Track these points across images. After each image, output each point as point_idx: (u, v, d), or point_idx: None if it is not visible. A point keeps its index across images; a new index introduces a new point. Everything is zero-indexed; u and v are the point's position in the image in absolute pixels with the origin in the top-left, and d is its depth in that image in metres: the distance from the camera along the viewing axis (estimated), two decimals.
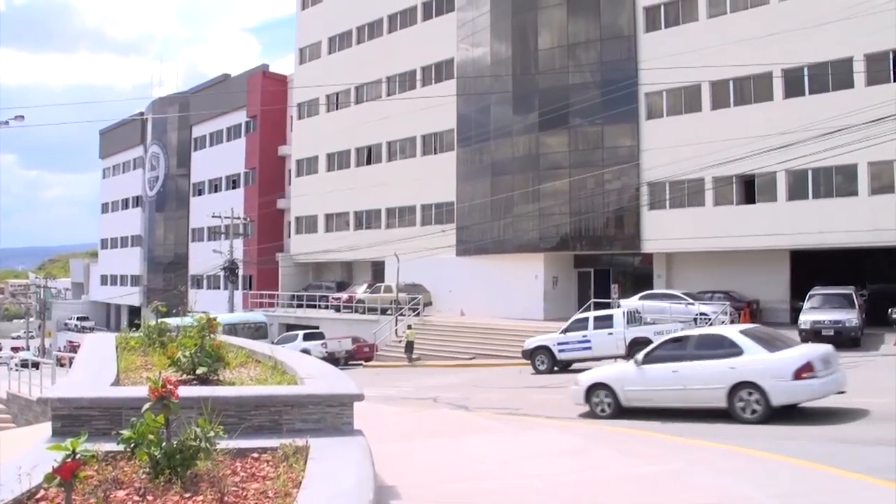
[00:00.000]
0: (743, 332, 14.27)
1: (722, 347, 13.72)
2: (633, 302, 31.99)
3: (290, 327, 45.29)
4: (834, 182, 30.74)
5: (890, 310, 26.90)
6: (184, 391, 5.36)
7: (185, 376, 7.51)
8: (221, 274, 52.77)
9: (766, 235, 31.77)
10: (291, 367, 8.22)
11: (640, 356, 14.82)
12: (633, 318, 26.05)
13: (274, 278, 54.78)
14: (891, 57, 29.10)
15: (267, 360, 9.26)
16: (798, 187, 31.50)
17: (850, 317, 23.98)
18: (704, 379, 13.44)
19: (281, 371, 8.41)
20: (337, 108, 52.79)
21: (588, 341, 25.33)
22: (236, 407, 6.11)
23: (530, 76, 39.67)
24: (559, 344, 25.80)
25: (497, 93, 40.85)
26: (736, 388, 13.01)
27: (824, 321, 24.02)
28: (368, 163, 50.42)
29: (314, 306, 47.84)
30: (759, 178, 31.89)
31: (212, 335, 8.23)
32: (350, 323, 42.38)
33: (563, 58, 38.44)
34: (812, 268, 32.67)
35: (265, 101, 57.25)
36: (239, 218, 53.20)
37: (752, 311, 31.53)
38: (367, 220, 49.89)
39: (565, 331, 26.32)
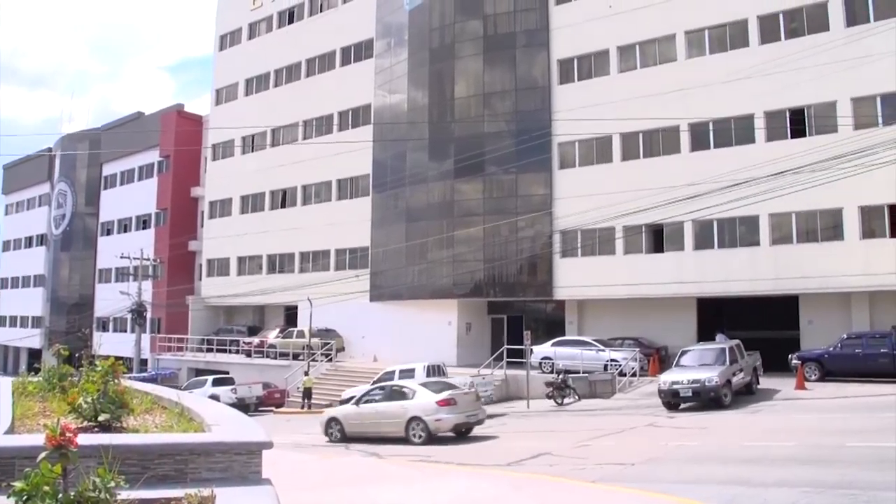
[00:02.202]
0: None
1: None
2: (545, 348, 32.41)
3: (199, 372, 44.26)
4: (738, 232, 31.87)
5: (790, 356, 27.84)
6: (84, 439, 5.16)
7: (86, 423, 7.24)
8: (129, 316, 51.34)
9: (674, 283, 32.64)
10: (199, 413, 8.02)
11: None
12: (433, 371, 27.84)
13: (184, 322, 53.48)
14: (787, 115, 30.61)
15: (174, 407, 9.02)
16: (704, 237, 32.54)
17: (711, 375, 22.68)
18: None
19: (188, 418, 8.20)
20: (252, 151, 52.37)
21: None
22: (139, 455, 5.91)
23: (446, 124, 40.16)
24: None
25: (413, 139, 41.17)
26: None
27: (682, 381, 22.98)
28: (283, 206, 50.03)
29: (225, 351, 46.86)
30: (668, 227, 32.84)
31: (116, 380, 7.98)
32: (261, 368, 41.64)
33: (478, 107, 39.09)
34: (718, 314, 33.71)
35: (179, 141, 56.29)
36: (148, 259, 51.99)
37: (660, 357, 32.22)
38: (280, 263, 49.32)
39: (376, 382, 27.63)
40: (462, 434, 20.85)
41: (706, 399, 22.67)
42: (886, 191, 27.60)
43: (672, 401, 23.23)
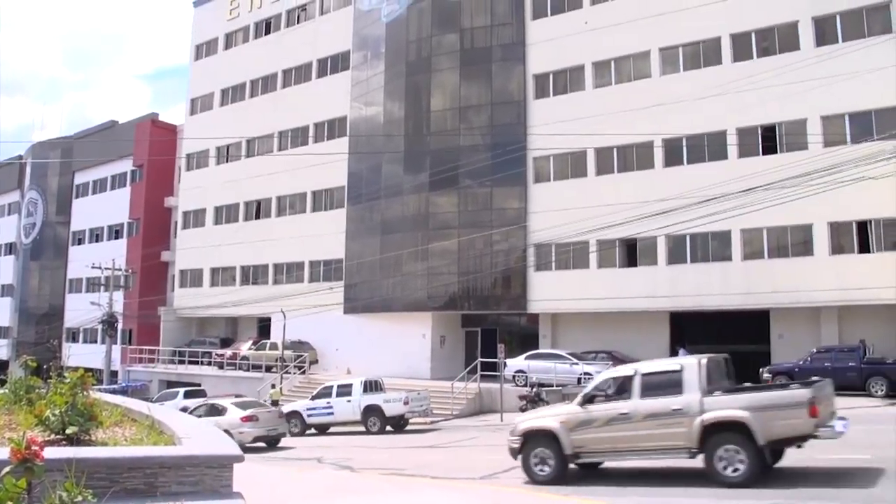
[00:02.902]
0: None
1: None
2: (519, 361, 32.44)
3: (170, 384, 43.83)
4: (710, 247, 32.16)
5: (761, 370, 28.13)
6: (50, 452, 5.10)
7: (53, 436, 7.16)
8: (99, 327, 50.79)
9: (647, 297, 32.86)
10: (169, 426, 7.97)
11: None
12: (370, 387, 28.58)
13: (155, 333, 52.99)
14: (759, 132, 31.03)
15: (144, 419, 8.95)
16: (677, 252, 32.80)
17: None
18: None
19: (158, 430, 8.14)
20: (227, 161, 52.10)
21: (331, 407, 27.72)
22: (108, 469, 5.85)
23: (422, 137, 40.25)
24: (308, 409, 27.94)
25: (389, 152, 41.18)
26: None
27: None
28: (257, 217, 49.78)
29: (196, 363, 46.46)
30: (641, 242, 33.07)
31: (85, 392, 7.90)
32: (234, 380, 41.29)
33: (454, 120, 39.21)
34: (683, 329, 33.98)
35: (153, 151, 55.89)
36: (120, 269, 51.52)
37: None
38: (253, 275, 49.01)
39: (314, 397, 28.52)
40: (270, 445, 24.60)
41: None
42: (854, 207, 28.12)
43: None
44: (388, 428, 27.39)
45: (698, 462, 12.25)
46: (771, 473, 12.18)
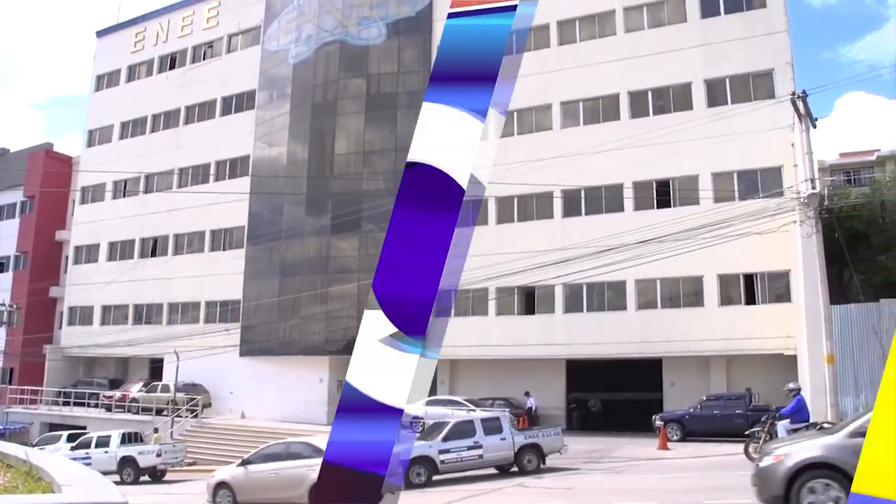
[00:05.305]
0: None
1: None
2: (416, 408, 32.26)
3: (53, 427, 41.87)
4: (606, 297, 32.94)
5: (654, 416, 28.78)
6: None
7: None
8: None
9: (544, 345, 33.33)
10: (48, 472, 7.61)
11: None
12: (128, 438, 29.73)
13: (39, 373, 50.62)
14: (654, 186, 32.17)
15: (20, 465, 8.52)
16: (573, 300, 33.44)
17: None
18: None
19: (36, 477, 7.76)
20: (124, 196, 50.69)
21: (89, 458, 28.06)
22: None
23: (325, 179, 40.13)
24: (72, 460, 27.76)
25: (291, 193, 40.86)
26: None
27: None
28: (153, 255, 48.44)
29: (83, 404, 44.52)
30: (539, 290, 33.60)
31: None
32: (122, 424, 39.50)
33: (357, 164, 39.28)
34: (586, 376, 34.54)
35: (46, 182, 53.95)
36: (4, 304, 49.28)
37: (529, 418, 32.60)
38: (147, 314, 47.52)
39: (74, 448, 29.43)
40: None
41: None
42: (742, 261, 29.41)
43: None
44: (145, 478, 28.57)
45: None
46: None
